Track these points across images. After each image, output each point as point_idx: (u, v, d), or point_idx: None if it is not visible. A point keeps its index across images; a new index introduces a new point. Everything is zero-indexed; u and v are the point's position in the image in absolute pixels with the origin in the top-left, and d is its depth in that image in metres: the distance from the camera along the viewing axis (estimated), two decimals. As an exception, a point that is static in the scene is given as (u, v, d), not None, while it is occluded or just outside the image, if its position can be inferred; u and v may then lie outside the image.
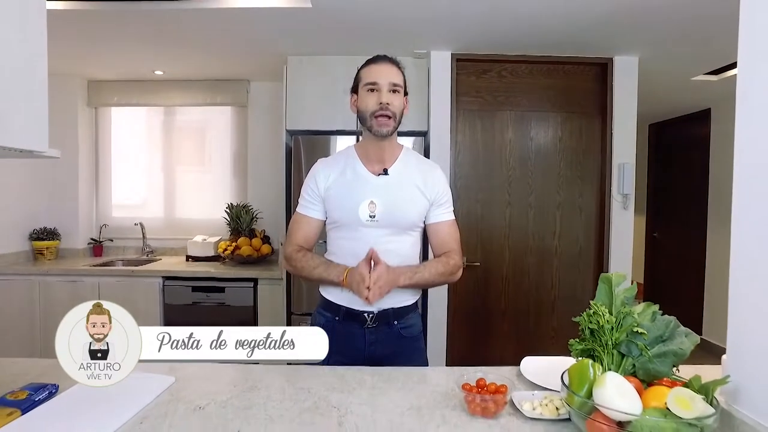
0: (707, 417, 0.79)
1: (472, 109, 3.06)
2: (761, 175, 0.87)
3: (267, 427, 0.97)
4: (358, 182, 1.45)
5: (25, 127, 0.96)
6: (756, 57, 0.89)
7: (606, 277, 1.07)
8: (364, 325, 1.44)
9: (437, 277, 1.44)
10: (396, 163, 1.48)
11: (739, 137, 0.93)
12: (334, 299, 1.48)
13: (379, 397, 1.12)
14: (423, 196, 1.46)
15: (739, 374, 0.91)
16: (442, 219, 1.51)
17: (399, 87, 1.43)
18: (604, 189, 3.04)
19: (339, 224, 1.47)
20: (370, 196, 1.42)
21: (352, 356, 1.41)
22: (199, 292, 3.16)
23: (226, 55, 3.21)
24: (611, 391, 0.85)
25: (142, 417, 1.01)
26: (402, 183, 1.46)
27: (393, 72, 1.43)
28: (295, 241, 1.49)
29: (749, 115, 0.91)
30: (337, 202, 1.45)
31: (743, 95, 0.92)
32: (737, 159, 0.93)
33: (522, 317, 3.07)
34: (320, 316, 1.52)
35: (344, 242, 1.45)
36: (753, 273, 0.89)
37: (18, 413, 0.96)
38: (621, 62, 3.00)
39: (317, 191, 1.48)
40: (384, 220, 1.41)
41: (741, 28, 0.92)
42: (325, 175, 1.48)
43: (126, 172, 4.00)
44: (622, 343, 0.98)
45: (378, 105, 1.39)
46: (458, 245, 1.52)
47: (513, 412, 1.04)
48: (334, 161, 1.52)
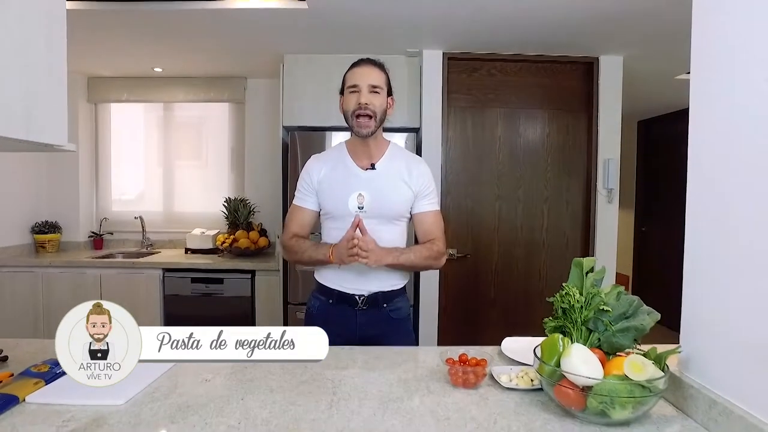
0: (657, 379, 0.90)
1: (463, 106, 3.16)
2: (708, 170, 0.98)
3: (268, 396, 1.07)
4: (347, 176, 1.56)
5: (48, 123, 1.05)
6: (707, 65, 1.00)
7: (578, 261, 1.17)
8: (355, 307, 1.56)
9: (422, 261, 1.56)
10: (383, 159, 1.59)
11: (692, 135, 1.04)
12: (327, 283, 1.59)
13: (370, 372, 1.23)
14: (408, 188, 1.57)
15: (691, 346, 1.01)
16: (427, 209, 1.62)
17: (379, 88, 1.52)
18: (590, 184, 3.16)
19: (331, 215, 1.58)
20: (358, 189, 1.53)
21: (345, 337, 1.51)
22: (198, 284, 3.25)
23: (224, 54, 3.30)
24: (576, 360, 0.96)
25: (154, 388, 1.10)
26: (388, 177, 1.57)
27: (373, 74, 1.52)
28: (290, 231, 1.62)
29: (701, 118, 1.02)
30: (329, 194, 1.57)
31: (696, 101, 1.03)
32: (690, 153, 1.03)
33: (510, 307, 3.18)
34: (315, 300, 1.64)
35: (336, 231, 1.55)
36: (703, 259, 0.99)
37: (42, 383, 1.05)
38: (606, 61, 3.11)
39: (311, 184, 1.60)
40: (372, 211, 1.52)
41: (693, 36, 1.02)
42: (317, 170, 1.60)
43: (125, 167, 4.08)
44: (590, 320, 1.08)
45: (357, 105, 1.49)
46: (442, 234, 1.63)
47: (492, 384, 1.15)
48: (326, 157, 1.65)
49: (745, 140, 0.88)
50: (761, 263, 0.83)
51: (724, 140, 0.93)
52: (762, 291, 0.82)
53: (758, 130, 0.84)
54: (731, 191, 0.91)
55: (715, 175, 0.96)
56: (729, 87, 0.93)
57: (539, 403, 1.04)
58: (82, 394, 1.03)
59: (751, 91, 0.86)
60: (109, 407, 0.99)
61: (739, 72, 0.90)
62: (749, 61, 0.87)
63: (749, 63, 0.87)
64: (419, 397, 1.07)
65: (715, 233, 0.95)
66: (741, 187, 0.88)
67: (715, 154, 0.96)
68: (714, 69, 0.98)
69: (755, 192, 0.84)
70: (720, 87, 0.95)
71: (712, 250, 0.96)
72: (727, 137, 0.92)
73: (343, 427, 0.92)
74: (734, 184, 0.90)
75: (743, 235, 0.88)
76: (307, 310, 1.68)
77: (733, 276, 0.90)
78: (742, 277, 0.88)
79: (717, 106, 0.96)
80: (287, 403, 1.03)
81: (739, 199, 0.88)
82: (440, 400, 1.05)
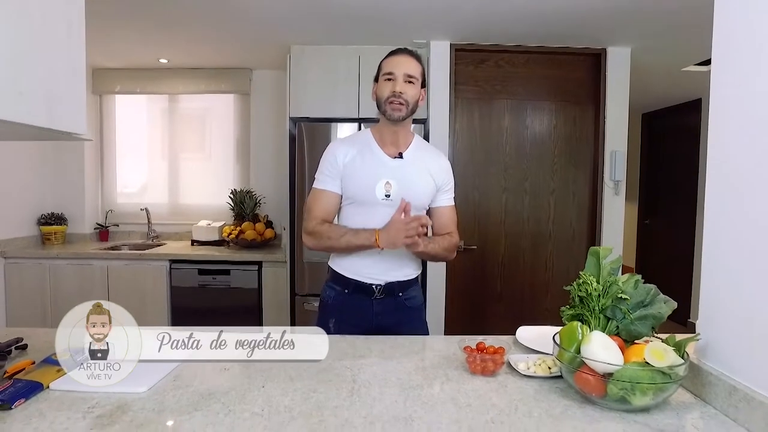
0: (678, 366, 0.90)
1: (470, 97, 3.15)
2: (729, 160, 0.98)
3: (289, 384, 1.07)
4: (375, 163, 1.55)
5: (67, 112, 1.05)
6: (729, 53, 1.00)
7: (594, 250, 1.18)
8: (372, 297, 1.56)
9: (441, 251, 1.58)
10: (410, 149, 1.59)
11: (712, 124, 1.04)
12: (344, 272, 1.59)
13: (388, 360, 1.23)
14: (433, 181, 1.59)
15: (709, 334, 1.02)
16: (445, 204, 1.65)
17: (414, 78, 1.51)
18: (597, 175, 3.16)
19: (354, 201, 1.56)
20: (386, 177, 1.52)
21: (361, 326, 1.52)
22: (205, 275, 3.26)
23: (229, 45, 3.29)
24: (597, 346, 0.97)
25: (175, 375, 1.11)
26: (415, 167, 1.57)
27: (410, 64, 1.52)
28: (316, 215, 1.56)
29: (722, 108, 1.02)
30: (355, 180, 1.54)
31: (716, 89, 1.03)
32: (710, 141, 1.04)
33: (517, 298, 3.20)
34: (330, 290, 1.63)
35: (359, 218, 1.54)
36: (723, 248, 1.00)
37: (64, 371, 1.06)
38: (614, 53, 3.10)
39: (337, 166, 1.55)
40: (397, 200, 1.51)
41: (715, 23, 1.02)
42: (344, 153, 1.56)
43: (131, 159, 4.08)
44: (608, 308, 1.09)
45: (391, 92, 1.49)
46: (456, 227, 1.66)
47: (510, 372, 1.16)
48: (351, 141, 1.62)
49: (766, 128, 0.88)
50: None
51: (745, 129, 0.93)
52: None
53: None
54: (752, 180, 0.91)
55: (736, 163, 0.96)
56: (752, 73, 0.92)
57: (558, 390, 1.05)
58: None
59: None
60: (132, 395, 0.99)
61: (763, 59, 0.90)
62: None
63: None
64: (439, 385, 1.08)
65: (735, 222, 0.96)
66: (762, 176, 0.88)
67: (736, 142, 0.96)
68: (736, 55, 0.97)
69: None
70: (742, 74, 0.95)
71: (732, 239, 0.97)
72: (749, 126, 0.92)
73: (366, 414, 0.93)
74: (755, 173, 0.90)
75: (762, 224, 0.88)
76: (322, 300, 1.66)
77: (753, 264, 0.90)
78: (762, 265, 0.88)
79: (738, 94, 0.96)
80: (308, 391, 1.03)
81: (760, 188, 0.89)
82: (460, 387, 1.06)
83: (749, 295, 0.92)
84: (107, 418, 0.89)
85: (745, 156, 0.93)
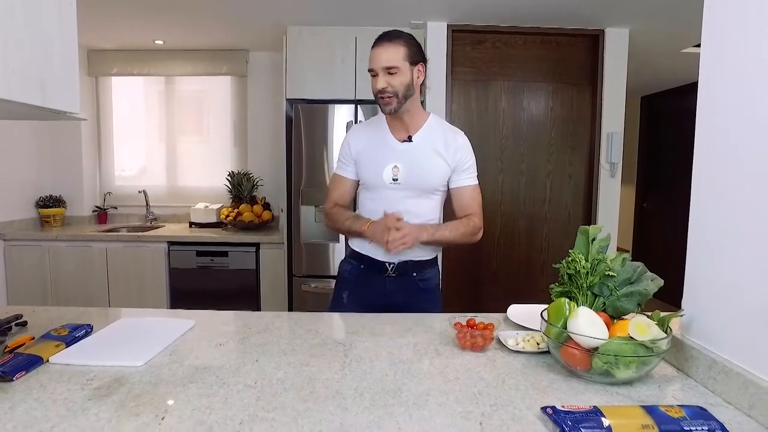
0: (660, 340, 0.93)
1: (467, 79, 3.14)
2: (716, 141, 0.99)
3: (281, 358, 1.10)
4: (384, 148, 1.58)
5: (61, 90, 1.06)
6: (717, 34, 1.00)
7: (584, 229, 1.20)
8: (384, 274, 1.60)
9: (459, 237, 1.58)
10: (420, 131, 1.58)
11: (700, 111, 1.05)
12: (359, 249, 1.65)
13: (379, 336, 1.26)
14: (444, 161, 1.57)
15: (693, 309, 1.04)
16: (465, 184, 1.62)
17: (395, 68, 1.45)
18: (593, 158, 3.16)
19: (366, 186, 1.63)
20: (394, 161, 1.55)
21: (374, 302, 1.57)
22: (203, 257, 3.29)
23: (226, 26, 3.27)
24: (583, 321, 0.99)
25: (171, 351, 1.13)
26: (424, 149, 1.56)
27: (387, 54, 1.46)
28: (331, 199, 1.68)
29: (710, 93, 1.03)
30: (366, 165, 1.60)
31: (706, 70, 1.03)
32: (698, 127, 1.05)
33: (512, 278, 3.23)
34: (347, 264, 1.71)
35: (370, 202, 1.61)
36: (706, 228, 1.01)
37: (63, 345, 1.09)
38: (612, 34, 3.08)
39: (350, 154, 1.63)
40: (406, 183, 1.54)
41: (705, 4, 1.02)
42: (356, 140, 1.63)
43: (128, 142, 4.08)
44: (595, 285, 1.11)
45: (376, 90, 1.49)
46: (479, 208, 1.64)
47: (499, 347, 1.18)
48: (365, 127, 1.67)
49: (753, 107, 0.89)
50: (763, 227, 0.85)
51: (732, 107, 0.94)
52: (763, 252, 0.85)
53: (766, 99, 0.85)
54: (737, 156, 0.92)
55: (722, 141, 0.97)
56: (740, 57, 0.93)
57: (545, 365, 1.07)
58: (102, 356, 1.06)
59: (760, 63, 0.87)
60: (129, 368, 1.02)
61: (750, 42, 0.90)
62: (761, 31, 0.87)
63: (761, 33, 0.87)
64: (429, 359, 1.10)
65: (720, 199, 0.97)
66: (746, 152, 0.90)
67: (723, 119, 0.97)
68: (725, 38, 0.98)
69: (760, 155, 0.86)
70: (730, 56, 0.96)
71: (717, 215, 0.98)
72: (736, 104, 0.93)
73: (356, 386, 0.95)
74: (740, 149, 0.91)
75: (744, 205, 0.89)
76: (339, 273, 1.73)
77: (733, 243, 0.92)
78: (741, 244, 0.90)
79: (727, 76, 0.97)
80: (301, 365, 1.06)
81: (745, 165, 0.90)
82: (449, 362, 1.09)
83: (729, 273, 0.94)
84: (105, 389, 0.92)
85: (730, 132, 0.95)
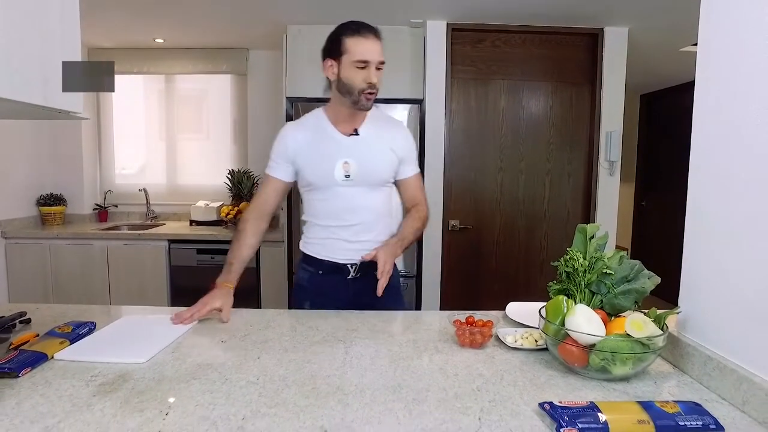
0: (656, 337, 0.94)
1: (467, 78, 3.15)
2: (713, 139, 1.00)
3: (283, 355, 1.11)
4: (329, 144, 1.49)
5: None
6: (714, 34, 1.01)
7: (582, 227, 1.21)
8: (347, 277, 1.54)
9: (416, 233, 1.57)
10: (365, 123, 1.53)
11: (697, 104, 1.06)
12: (314, 254, 1.57)
13: (379, 334, 1.27)
14: (394, 154, 1.54)
15: (689, 306, 1.06)
16: (410, 174, 1.60)
17: (383, 64, 1.44)
18: (592, 156, 3.18)
19: (314, 186, 1.51)
20: (343, 157, 1.47)
21: (338, 308, 1.48)
22: (204, 255, 3.30)
23: (226, 24, 3.27)
24: (580, 318, 1.00)
25: (173, 348, 1.15)
26: (373, 142, 1.51)
27: (380, 48, 1.44)
28: (253, 205, 1.58)
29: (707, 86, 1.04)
30: (311, 165, 1.49)
31: (702, 68, 1.04)
32: (695, 125, 1.06)
33: (511, 277, 3.24)
34: (303, 271, 1.60)
35: (320, 203, 1.52)
36: (703, 226, 1.03)
37: (67, 342, 1.10)
38: (611, 33, 3.09)
39: (285, 153, 1.52)
40: (358, 179, 1.48)
41: (702, 3, 1.03)
42: (293, 137, 1.51)
43: (128, 140, 4.08)
44: (593, 283, 1.12)
45: (367, 84, 1.41)
46: (424, 195, 1.64)
47: (497, 344, 1.20)
48: (302, 125, 1.56)
49: (748, 106, 0.90)
50: (760, 226, 0.86)
51: (728, 105, 0.96)
52: (759, 251, 0.86)
53: (762, 97, 0.86)
54: (733, 154, 0.93)
55: (719, 139, 0.98)
56: (736, 55, 0.94)
57: (543, 361, 1.09)
58: (106, 353, 1.08)
59: (756, 60, 0.88)
60: (132, 365, 1.03)
61: (746, 41, 0.92)
62: (757, 30, 0.89)
63: (757, 31, 0.89)
64: (428, 356, 1.12)
65: (717, 196, 0.98)
66: (743, 150, 0.91)
67: (719, 117, 0.98)
68: (721, 38, 0.99)
69: (757, 154, 0.87)
70: (726, 55, 0.97)
71: (713, 214, 0.99)
72: (732, 102, 0.95)
73: (357, 382, 0.97)
74: (737, 147, 0.93)
75: (743, 199, 0.91)
76: (296, 282, 1.63)
77: (729, 241, 0.94)
78: (738, 242, 0.91)
79: (723, 74, 0.98)
80: (302, 362, 1.07)
81: (741, 163, 0.91)
82: (448, 358, 1.10)
83: (726, 271, 0.95)
84: (109, 385, 0.93)
85: (727, 130, 0.96)
